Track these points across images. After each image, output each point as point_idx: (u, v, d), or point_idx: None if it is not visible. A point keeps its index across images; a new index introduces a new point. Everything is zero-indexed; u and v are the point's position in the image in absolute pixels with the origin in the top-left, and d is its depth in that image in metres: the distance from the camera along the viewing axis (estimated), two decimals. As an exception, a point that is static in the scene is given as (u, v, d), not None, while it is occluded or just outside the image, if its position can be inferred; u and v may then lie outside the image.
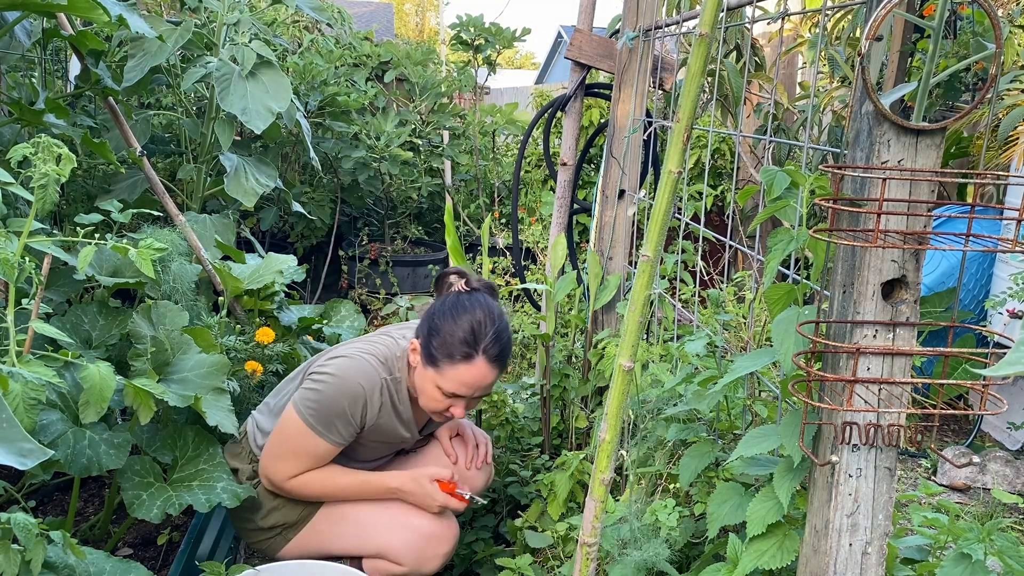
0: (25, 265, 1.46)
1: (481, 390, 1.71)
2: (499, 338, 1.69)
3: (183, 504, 1.70)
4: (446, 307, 1.71)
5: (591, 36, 2.60)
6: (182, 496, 1.72)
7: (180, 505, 1.70)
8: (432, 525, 1.82)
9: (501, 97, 9.86)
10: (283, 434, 1.73)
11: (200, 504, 1.70)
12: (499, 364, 1.70)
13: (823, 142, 4.18)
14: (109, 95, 2.41)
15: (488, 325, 1.68)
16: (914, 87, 1.05)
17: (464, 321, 1.67)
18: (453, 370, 1.66)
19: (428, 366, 1.69)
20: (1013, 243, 0.99)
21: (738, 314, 2.86)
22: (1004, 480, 2.71)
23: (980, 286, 3.13)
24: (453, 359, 1.65)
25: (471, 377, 1.66)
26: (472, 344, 1.65)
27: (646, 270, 1.21)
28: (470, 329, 1.66)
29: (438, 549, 1.82)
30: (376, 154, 4.39)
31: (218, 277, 2.47)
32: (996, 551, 1.16)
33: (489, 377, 1.70)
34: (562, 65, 18.26)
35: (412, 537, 1.79)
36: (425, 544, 1.80)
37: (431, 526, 1.82)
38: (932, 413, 1.09)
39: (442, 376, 1.67)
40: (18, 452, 1.03)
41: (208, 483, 1.78)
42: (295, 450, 1.71)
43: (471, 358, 1.65)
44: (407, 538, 1.79)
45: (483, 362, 1.67)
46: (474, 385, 1.68)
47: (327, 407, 1.67)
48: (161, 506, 1.68)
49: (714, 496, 1.40)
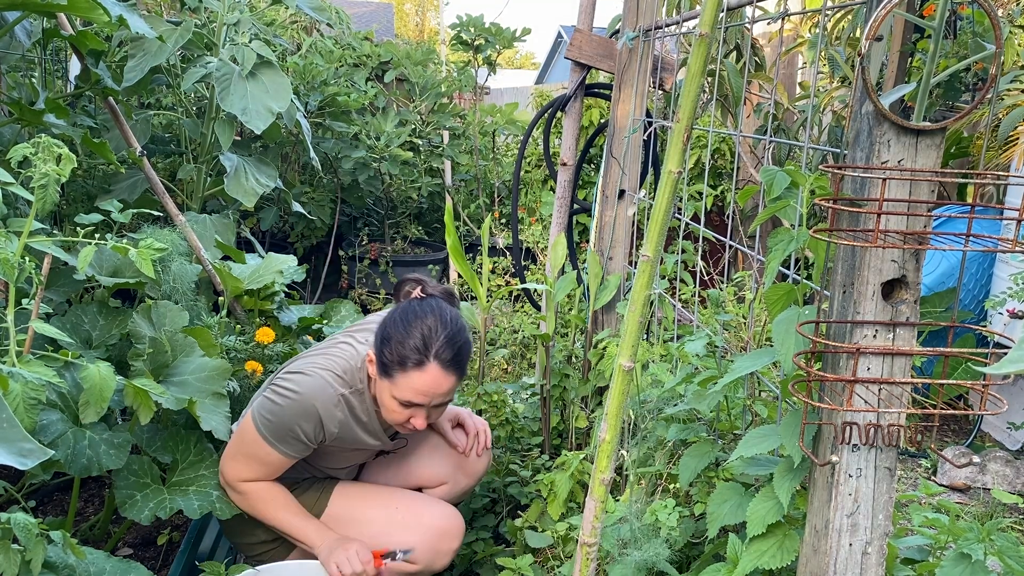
0: (25, 265, 1.46)
1: (439, 397, 1.66)
2: (452, 342, 1.63)
3: (174, 508, 1.70)
4: (397, 315, 1.67)
5: (591, 36, 2.60)
6: (175, 500, 1.72)
7: (171, 509, 1.69)
8: (442, 521, 1.83)
9: (501, 97, 9.85)
10: (240, 437, 1.72)
11: (192, 510, 1.70)
12: (454, 369, 1.64)
13: (823, 142, 4.18)
14: (109, 95, 2.41)
15: (439, 330, 1.62)
16: (914, 87, 1.05)
17: (414, 328, 1.62)
18: (406, 378, 1.61)
19: (383, 377, 1.65)
20: (1013, 243, 0.99)
21: (738, 314, 2.86)
22: (1004, 480, 2.71)
23: (980, 286, 3.13)
24: (405, 367, 1.60)
25: (424, 384, 1.61)
26: (423, 350, 1.60)
27: (646, 270, 1.21)
28: (420, 335, 1.61)
29: (451, 544, 1.84)
30: (376, 154, 4.39)
31: (218, 277, 2.47)
32: (996, 551, 1.16)
33: (444, 383, 1.64)
34: (562, 65, 18.25)
35: (426, 535, 1.79)
36: (438, 541, 1.81)
37: (442, 523, 1.83)
38: (932, 413, 1.09)
39: (395, 386, 1.62)
40: (18, 452, 1.03)
41: (205, 489, 1.77)
42: (248, 454, 1.71)
43: (422, 364, 1.60)
44: (421, 537, 1.79)
45: (436, 368, 1.61)
46: (429, 392, 1.63)
47: (281, 422, 1.66)
48: (153, 508, 1.68)
49: (714, 496, 1.40)
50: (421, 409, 1.67)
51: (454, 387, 1.68)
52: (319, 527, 1.76)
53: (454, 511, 1.88)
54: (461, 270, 2.51)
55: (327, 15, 3.48)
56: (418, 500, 1.88)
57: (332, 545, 1.69)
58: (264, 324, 2.53)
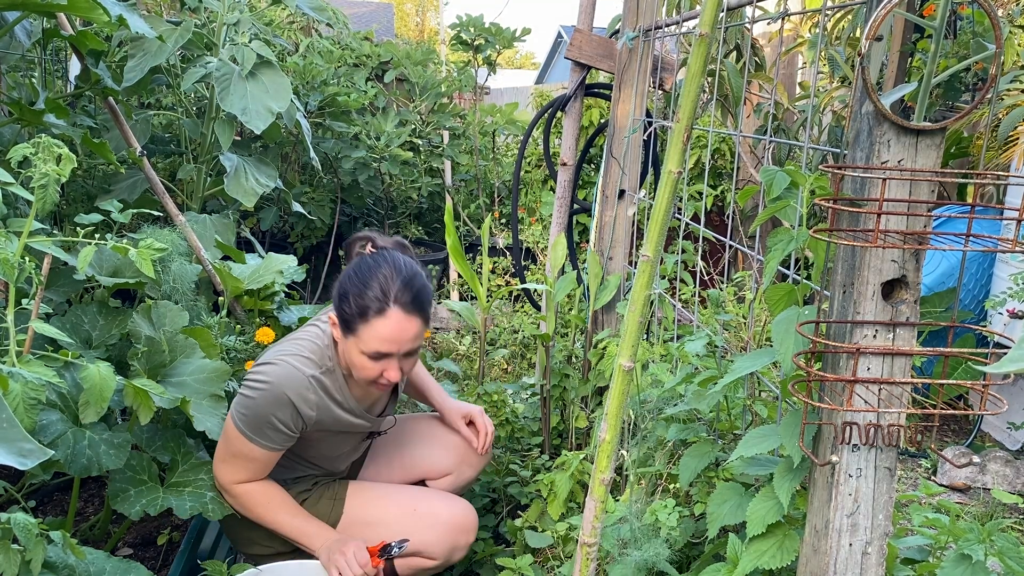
0: (25, 265, 1.46)
1: (406, 343, 1.64)
2: (409, 285, 1.63)
3: (165, 506, 1.69)
4: (350, 271, 1.66)
5: (591, 36, 2.60)
6: (167, 498, 1.71)
7: (162, 506, 1.68)
8: (460, 517, 1.85)
9: (501, 97, 9.86)
10: (225, 438, 1.71)
11: (183, 510, 1.69)
12: (416, 311, 1.64)
13: (823, 142, 4.18)
14: (109, 95, 2.41)
15: (394, 276, 1.62)
16: (914, 87, 1.05)
17: (369, 278, 1.62)
18: (369, 329, 1.60)
19: (347, 334, 1.64)
20: (1013, 243, 0.99)
21: (738, 314, 2.86)
22: (1004, 480, 2.71)
23: (980, 286, 3.13)
24: (366, 317, 1.60)
25: (389, 331, 1.60)
26: (382, 298, 1.60)
27: (646, 270, 1.21)
28: (376, 284, 1.61)
29: (467, 539, 1.86)
30: (376, 154, 4.39)
31: (218, 277, 2.47)
32: (996, 552, 1.16)
33: (409, 328, 1.63)
34: (562, 65, 18.26)
35: (443, 531, 1.80)
36: (456, 536, 1.83)
37: (459, 518, 1.84)
38: (932, 413, 1.09)
39: (361, 340, 1.61)
40: (18, 452, 1.03)
41: (199, 491, 1.77)
42: (234, 453, 1.69)
43: (383, 311, 1.60)
44: (439, 533, 1.80)
45: (397, 312, 1.60)
46: (395, 339, 1.61)
47: (255, 415, 1.64)
48: (144, 505, 1.67)
49: (714, 496, 1.40)
50: (391, 359, 1.65)
51: (419, 332, 1.66)
52: (319, 527, 1.75)
53: (468, 506, 1.89)
54: (461, 270, 2.51)
55: (327, 15, 3.48)
56: (433, 498, 1.88)
57: (331, 547, 1.68)
58: (264, 324, 2.53)
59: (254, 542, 1.84)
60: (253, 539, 1.83)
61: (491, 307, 2.82)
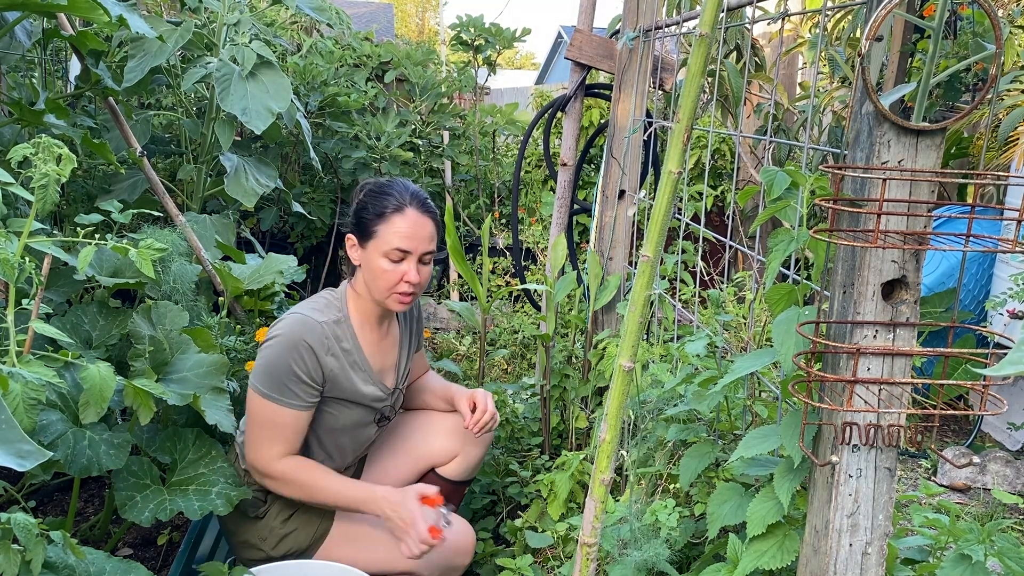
0: (25, 265, 1.46)
1: (424, 242, 1.75)
2: (420, 193, 1.79)
3: (175, 510, 1.69)
4: (366, 194, 1.80)
5: (591, 36, 2.60)
6: (175, 501, 1.71)
7: (172, 511, 1.68)
8: (456, 537, 1.80)
9: (501, 97, 9.86)
10: (249, 416, 1.73)
11: (192, 511, 1.69)
12: (429, 214, 1.78)
13: (823, 142, 4.18)
14: (109, 95, 2.41)
15: (407, 186, 1.79)
16: (914, 87, 1.05)
17: (386, 188, 1.77)
18: (389, 226, 1.73)
19: (367, 241, 1.75)
20: (1013, 243, 0.99)
21: (738, 314, 2.86)
22: (1004, 480, 2.70)
23: (980, 286, 3.13)
24: (386, 216, 1.73)
25: (408, 226, 1.73)
26: (400, 199, 1.75)
27: (646, 270, 1.21)
28: (393, 191, 1.76)
29: (463, 560, 1.83)
30: (376, 154, 4.39)
31: (218, 277, 2.47)
32: (996, 552, 1.16)
33: (425, 226, 1.76)
34: (562, 65, 18.25)
35: (437, 553, 1.76)
36: (452, 557, 1.80)
37: (455, 539, 1.80)
38: (932, 413, 1.09)
39: (381, 239, 1.73)
40: (16, 453, 1.03)
41: (204, 487, 1.76)
42: (261, 424, 1.70)
43: (402, 209, 1.73)
44: (433, 556, 1.75)
45: (414, 211, 1.74)
46: (413, 235, 1.73)
47: (276, 368, 1.67)
48: (153, 510, 1.67)
49: (714, 496, 1.40)
50: (410, 257, 1.74)
51: (433, 235, 1.78)
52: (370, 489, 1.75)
53: (466, 526, 1.86)
54: (461, 270, 2.51)
55: (327, 15, 3.48)
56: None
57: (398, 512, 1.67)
58: (264, 324, 2.53)
59: (250, 545, 1.83)
60: (249, 542, 1.83)
61: (491, 307, 2.82)
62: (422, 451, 2.03)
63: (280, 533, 1.81)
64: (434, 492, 1.74)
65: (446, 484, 2.02)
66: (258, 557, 1.82)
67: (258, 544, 1.82)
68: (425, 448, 2.03)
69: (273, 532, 1.81)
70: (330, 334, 1.74)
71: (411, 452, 2.04)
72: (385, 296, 1.77)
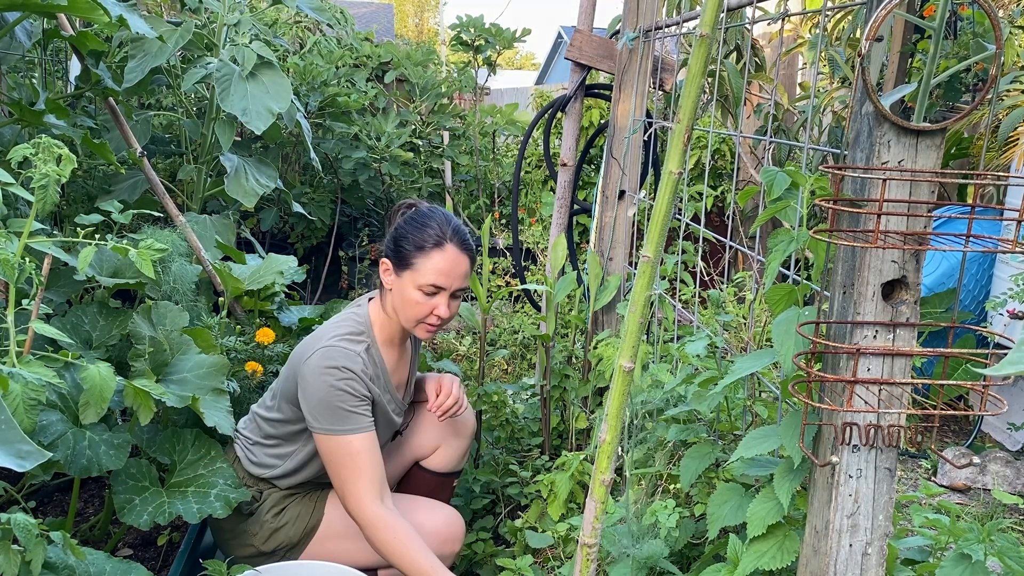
0: (25, 265, 1.46)
1: (458, 279, 1.75)
2: (461, 229, 1.78)
3: (174, 514, 1.68)
4: (407, 220, 1.78)
5: (591, 37, 2.60)
6: (174, 504, 1.70)
7: (170, 514, 1.68)
8: (444, 527, 1.82)
9: (501, 97, 9.86)
10: (331, 461, 1.70)
11: (191, 515, 1.69)
12: (468, 252, 1.76)
13: (823, 143, 4.18)
14: (109, 96, 2.41)
15: (449, 219, 1.78)
16: (914, 88, 1.05)
17: (427, 220, 1.76)
18: (427, 260, 1.72)
19: (402, 271, 1.74)
20: (1013, 244, 0.99)
21: (738, 315, 2.86)
22: (1004, 481, 2.70)
23: (980, 287, 3.13)
24: (425, 250, 1.72)
25: (446, 263, 1.72)
26: (440, 234, 1.73)
27: (646, 271, 1.21)
28: (435, 224, 1.75)
29: (452, 548, 1.84)
30: (376, 155, 4.39)
31: (218, 278, 2.47)
32: (996, 552, 1.16)
33: (462, 264, 1.75)
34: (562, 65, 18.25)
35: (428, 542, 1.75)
36: (441, 546, 1.80)
37: (444, 528, 1.82)
38: (932, 414, 1.09)
39: (417, 272, 1.72)
40: (16, 454, 1.03)
41: (203, 489, 1.76)
42: (343, 464, 1.67)
43: (441, 245, 1.72)
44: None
45: (453, 248, 1.73)
46: (450, 272, 1.73)
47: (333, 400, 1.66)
48: (152, 513, 1.67)
49: (714, 497, 1.40)
50: (444, 293, 1.74)
51: (468, 274, 1.78)
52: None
53: (455, 514, 1.87)
54: (461, 271, 2.51)
55: (328, 15, 3.48)
56: (418, 506, 1.86)
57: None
58: (264, 325, 2.53)
59: (240, 542, 1.84)
60: (239, 537, 1.84)
61: (491, 307, 2.82)
62: (403, 445, 2.04)
63: (271, 527, 1.82)
64: None
65: (432, 477, 2.03)
66: (249, 553, 1.83)
67: (249, 540, 1.83)
68: (406, 441, 2.04)
69: (264, 527, 1.82)
70: (368, 362, 1.74)
71: (394, 446, 2.04)
72: (412, 325, 1.78)
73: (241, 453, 1.88)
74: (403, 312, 1.76)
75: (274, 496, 1.84)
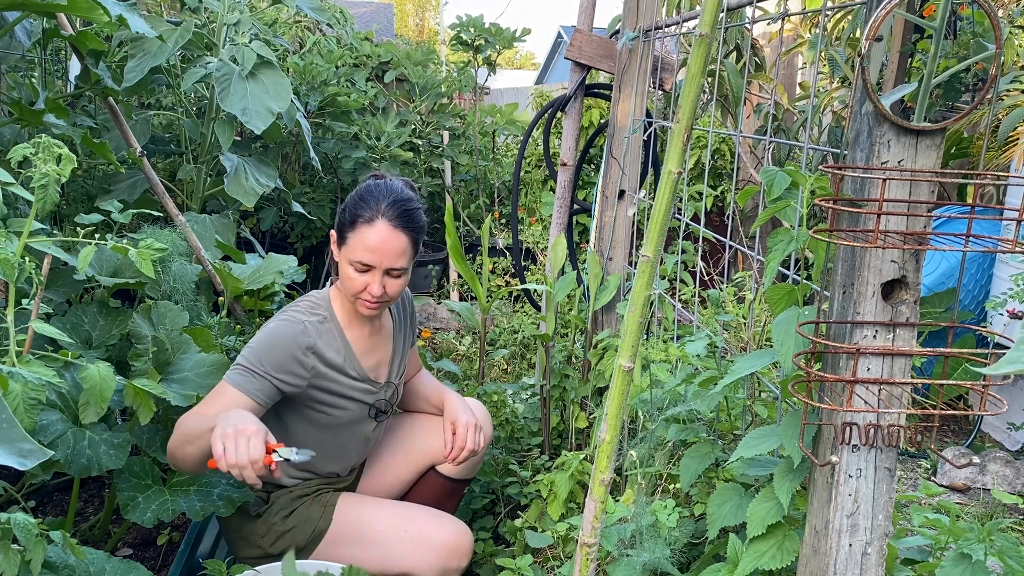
0: (25, 265, 1.46)
1: (389, 256, 1.70)
2: (398, 203, 1.71)
3: (177, 511, 1.69)
4: (352, 194, 1.77)
5: (591, 36, 2.60)
6: (177, 502, 1.71)
7: (174, 512, 1.68)
8: (452, 539, 1.80)
9: (501, 97, 9.86)
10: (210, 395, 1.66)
11: (194, 512, 1.69)
12: (404, 228, 1.71)
13: (823, 142, 4.18)
14: (109, 95, 2.41)
15: (387, 194, 1.72)
16: (914, 88, 1.05)
17: (366, 194, 1.73)
18: (357, 236, 1.69)
19: (341, 246, 1.73)
20: (1013, 243, 0.99)
21: (738, 314, 2.86)
22: (1004, 480, 2.71)
23: (980, 287, 3.13)
24: (355, 225, 1.69)
25: (374, 240, 1.68)
26: (372, 207, 1.69)
27: (646, 270, 1.21)
28: (369, 196, 1.72)
29: (459, 563, 1.81)
30: (376, 154, 4.39)
31: (218, 277, 2.47)
32: (996, 552, 1.16)
33: (394, 241, 1.69)
34: (562, 65, 18.25)
35: (434, 555, 1.76)
36: (447, 559, 1.79)
37: (451, 540, 1.79)
38: (932, 413, 1.09)
39: (350, 247, 1.70)
40: (17, 452, 1.03)
41: (206, 488, 1.76)
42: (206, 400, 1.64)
43: (372, 221, 1.68)
44: (430, 558, 1.75)
45: (384, 224, 1.68)
46: (379, 249, 1.68)
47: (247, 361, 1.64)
48: (156, 511, 1.67)
49: (714, 497, 1.40)
50: (375, 271, 1.70)
51: (405, 250, 1.72)
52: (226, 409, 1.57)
53: (463, 528, 1.85)
54: (461, 270, 2.51)
55: (328, 15, 3.48)
56: (426, 518, 1.84)
57: (229, 423, 1.46)
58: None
59: (249, 543, 1.84)
60: (248, 539, 1.83)
61: (491, 307, 2.82)
62: (420, 450, 2.04)
63: (279, 530, 1.81)
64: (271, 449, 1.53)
65: (446, 482, 2.03)
66: (256, 555, 1.83)
67: (256, 541, 1.82)
68: (423, 445, 2.04)
69: (272, 529, 1.81)
70: (312, 332, 1.73)
71: (410, 452, 2.04)
72: (353, 301, 1.77)
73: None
74: (344, 286, 1.75)
75: (284, 499, 1.83)
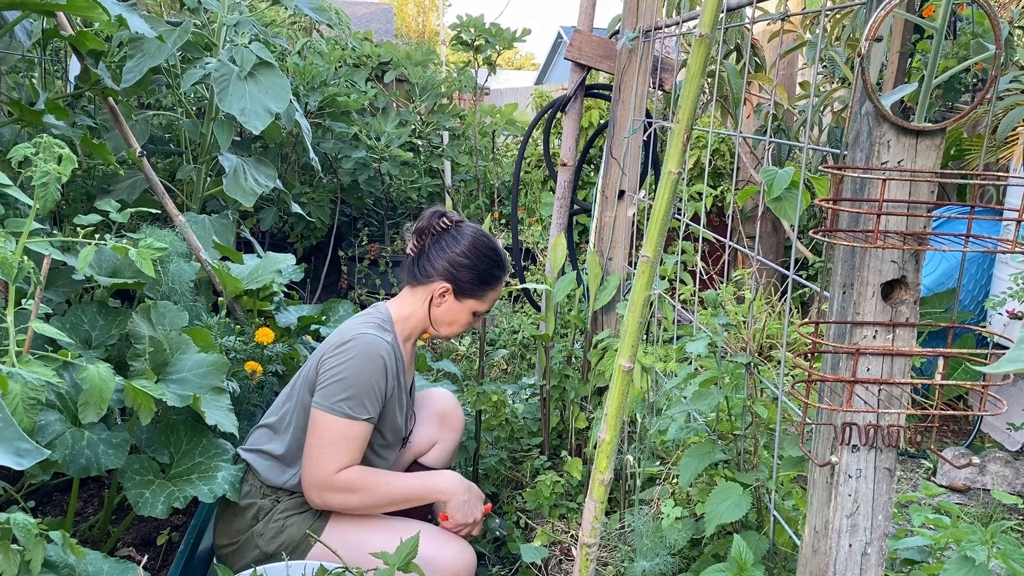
0: (24, 265, 1.46)
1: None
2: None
3: (187, 497, 1.70)
4: (476, 252, 1.92)
5: (591, 37, 2.60)
6: (185, 489, 1.72)
7: (184, 498, 1.70)
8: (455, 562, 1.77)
9: (501, 97, 9.86)
10: (317, 434, 1.73)
11: (204, 495, 1.70)
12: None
13: (823, 143, 4.18)
14: (109, 95, 2.41)
15: (502, 252, 1.99)
16: (914, 88, 1.05)
17: (495, 255, 1.95)
18: (494, 293, 1.95)
19: (466, 298, 1.92)
20: (1013, 244, 0.99)
21: (737, 314, 2.86)
22: (1004, 481, 2.70)
23: (980, 287, 3.13)
24: (493, 285, 1.94)
25: (498, 294, 1.98)
26: (504, 271, 1.97)
27: (646, 271, 1.21)
28: (501, 260, 1.96)
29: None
30: (376, 155, 4.39)
31: (217, 277, 2.46)
32: (999, 554, 1.16)
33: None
34: (562, 66, 18.25)
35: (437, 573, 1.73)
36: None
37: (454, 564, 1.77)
38: (931, 414, 1.09)
39: (481, 302, 1.94)
40: (14, 452, 1.03)
41: (208, 474, 1.78)
42: (335, 442, 1.72)
43: (501, 279, 1.96)
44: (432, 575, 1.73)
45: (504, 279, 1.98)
46: (496, 299, 1.99)
47: (356, 384, 1.72)
48: (166, 501, 1.68)
49: (713, 495, 1.40)
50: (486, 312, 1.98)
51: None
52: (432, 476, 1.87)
53: (466, 547, 1.82)
54: (461, 270, 2.50)
55: (327, 15, 3.48)
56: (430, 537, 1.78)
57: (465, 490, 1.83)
58: (263, 324, 2.52)
59: (252, 547, 1.83)
60: (250, 544, 1.83)
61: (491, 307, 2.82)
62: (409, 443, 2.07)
63: (276, 527, 1.81)
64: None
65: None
66: (254, 556, 1.83)
67: (255, 541, 1.82)
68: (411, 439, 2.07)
69: (269, 526, 1.81)
70: (392, 353, 1.81)
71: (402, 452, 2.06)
72: (447, 335, 1.97)
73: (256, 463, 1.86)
74: (446, 326, 1.93)
75: (293, 501, 1.83)
